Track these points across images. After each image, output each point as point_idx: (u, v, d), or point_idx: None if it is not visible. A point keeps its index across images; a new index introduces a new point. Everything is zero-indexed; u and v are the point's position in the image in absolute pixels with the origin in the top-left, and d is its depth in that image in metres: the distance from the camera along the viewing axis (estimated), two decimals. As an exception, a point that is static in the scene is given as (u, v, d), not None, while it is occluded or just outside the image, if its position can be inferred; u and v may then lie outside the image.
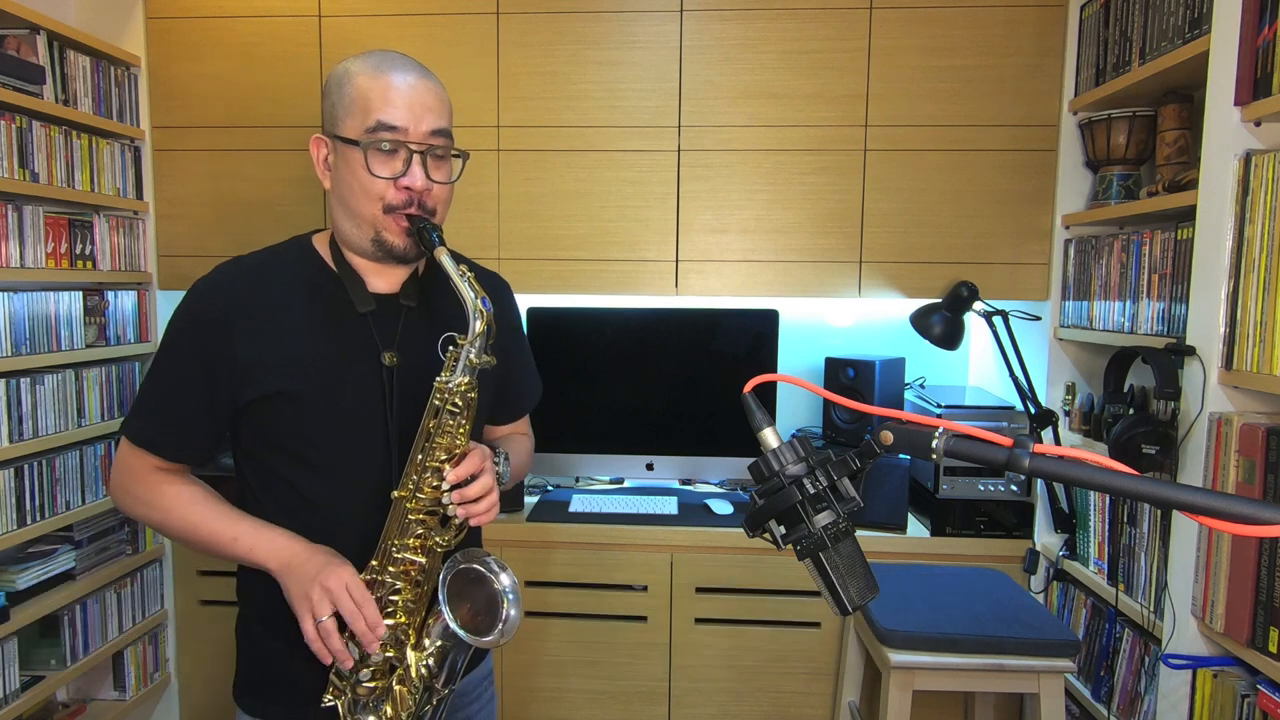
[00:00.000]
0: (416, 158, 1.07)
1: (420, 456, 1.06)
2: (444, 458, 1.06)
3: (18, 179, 1.88)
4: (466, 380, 1.04)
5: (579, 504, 2.30)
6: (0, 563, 1.92)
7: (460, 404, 1.05)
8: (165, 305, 2.40)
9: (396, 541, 1.06)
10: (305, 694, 1.09)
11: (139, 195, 2.32)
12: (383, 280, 1.15)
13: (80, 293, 2.06)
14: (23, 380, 1.89)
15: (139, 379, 2.30)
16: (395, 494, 1.06)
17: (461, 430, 1.06)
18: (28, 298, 1.90)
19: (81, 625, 2.07)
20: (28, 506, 1.90)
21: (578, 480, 2.57)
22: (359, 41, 2.24)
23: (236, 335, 1.06)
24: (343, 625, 1.02)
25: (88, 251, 2.12)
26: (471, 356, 1.04)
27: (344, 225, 1.11)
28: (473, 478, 1.06)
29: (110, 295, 2.19)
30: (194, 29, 2.28)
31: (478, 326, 1.03)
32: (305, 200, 2.30)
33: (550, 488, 2.51)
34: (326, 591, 1.00)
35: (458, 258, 1.06)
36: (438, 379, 1.05)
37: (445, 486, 1.04)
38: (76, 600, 2.05)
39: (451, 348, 1.06)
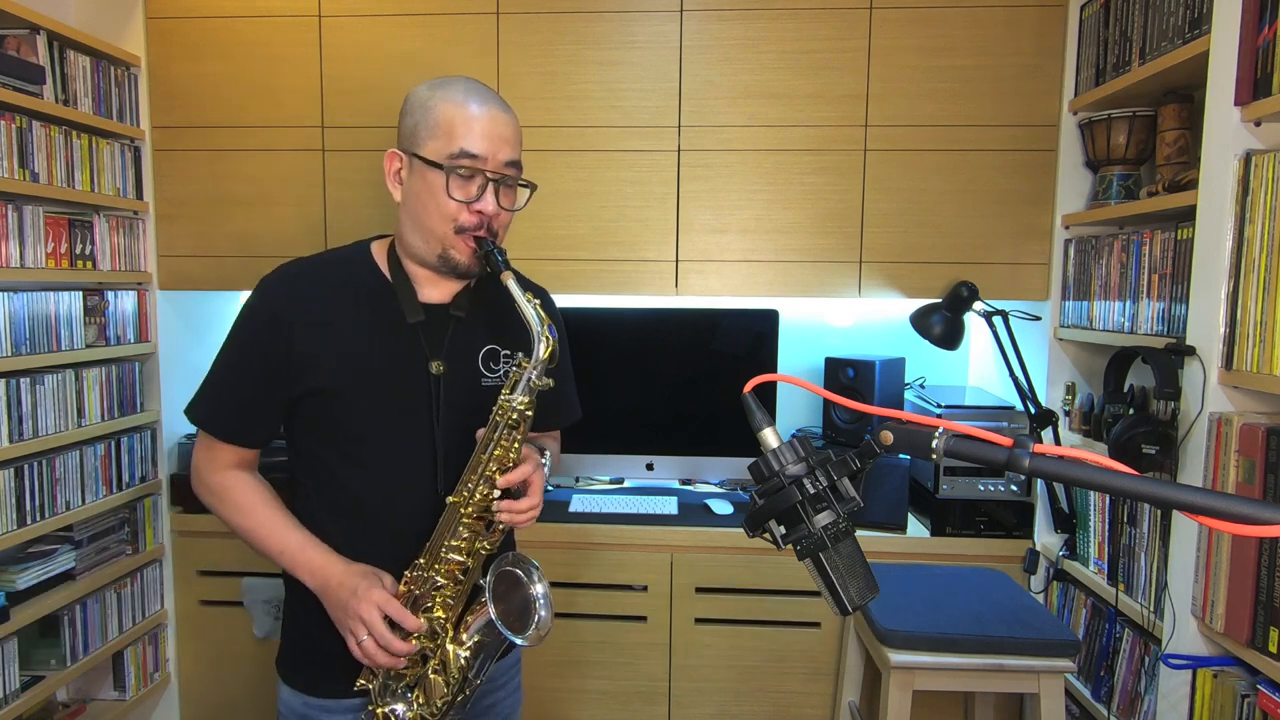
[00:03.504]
0: (491, 185, 1.14)
1: (480, 467, 1.13)
2: (496, 469, 1.13)
3: (18, 179, 1.88)
4: (526, 400, 1.12)
5: (579, 504, 2.30)
6: (0, 563, 1.92)
7: (517, 420, 1.12)
8: (165, 305, 2.40)
9: (446, 542, 1.14)
10: (342, 672, 1.17)
11: (139, 195, 2.32)
12: (437, 290, 1.21)
13: (80, 293, 2.06)
14: (23, 380, 1.89)
15: (139, 379, 2.30)
16: (450, 499, 1.13)
17: (516, 443, 1.13)
18: (28, 298, 1.90)
19: (81, 625, 2.07)
20: (28, 506, 1.90)
21: (578, 480, 2.57)
22: (359, 41, 2.24)
23: (296, 331, 1.14)
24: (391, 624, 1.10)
25: (88, 251, 2.12)
26: (534, 378, 1.11)
27: (412, 238, 1.17)
28: (521, 485, 1.15)
29: (110, 295, 2.19)
30: (194, 29, 2.28)
31: (542, 352, 1.10)
32: (305, 200, 2.30)
33: (550, 488, 2.51)
34: (359, 619, 1.08)
35: (520, 281, 1.13)
36: (502, 396, 1.12)
37: (496, 493, 1.13)
38: (76, 600, 2.05)
39: (514, 367, 1.13)
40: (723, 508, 2.29)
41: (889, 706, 1.69)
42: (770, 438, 0.79)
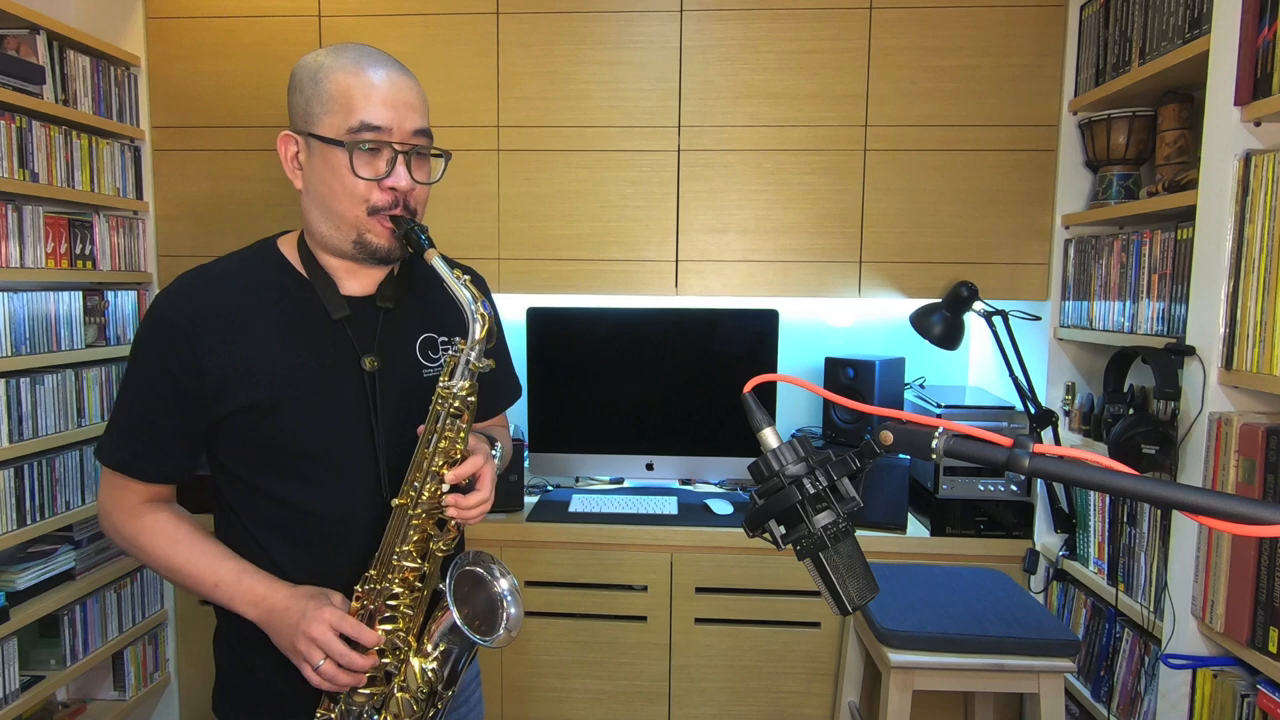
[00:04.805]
0: (400, 158, 1.04)
1: (425, 463, 1.04)
2: (443, 463, 1.04)
3: (18, 179, 1.88)
4: (468, 384, 1.03)
5: (579, 504, 2.30)
6: (0, 563, 1.92)
7: (460, 407, 1.03)
8: (165, 305, 2.40)
9: (397, 549, 1.05)
10: (291, 705, 1.07)
11: (139, 195, 2.32)
12: (357, 282, 1.12)
13: (80, 293, 2.06)
14: (23, 380, 1.89)
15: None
16: (396, 501, 1.04)
17: (461, 434, 1.05)
18: (28, 298, 1.90)
19: (81, 625, 2.07)
20: (28, 506, 1.90)
21: (578, 480, 2.57)
22: (359, 41, 2.23)
23: (202, 347, 1.02)
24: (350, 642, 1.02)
25: (88, 251, 2.12)
26: (472, 360, 1.02)
27: (321, 226, 1.07)
28: (471, 479, 1.06)
29: (110, 295, 2.19)
30: (194, 29, 2.28)
31: (478, 331, 1.01)
32: (305, 200, 2.30)
33: (550, 488, 2.51)
34: (312, 641, 0.99)
35: (447, 260, 1.04)
36: (440, 384, 1.04)
37: (446, 488, 1.04)
38: (76, 600, 2.05)
39: (451, 351, 1.05)
40: (723, 508, 2.29)
41: (889, 706, 1.69)
42: (770, 438, 0.79)
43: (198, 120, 2.30)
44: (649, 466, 2.43)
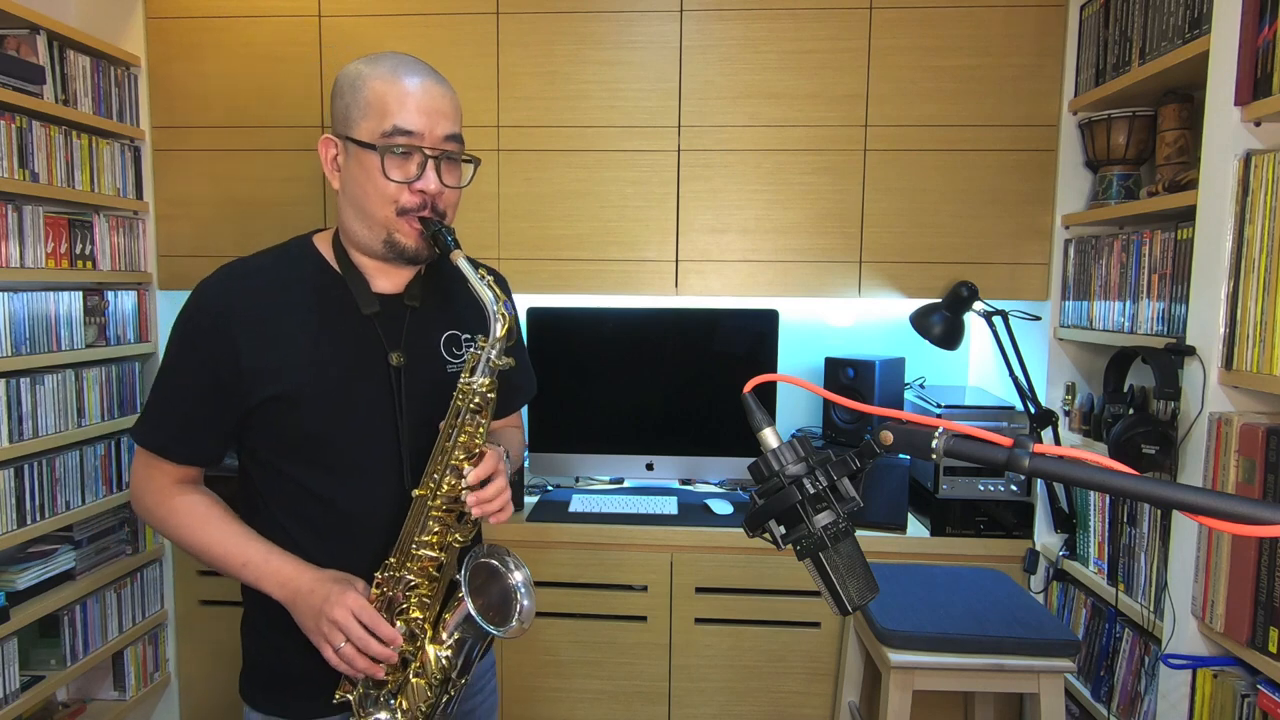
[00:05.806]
0: (430, 162, 1.08)
1: (443, 457, 1.08)
2: (463, 456, 1.08)
3: (18, 179, 1.88)
4: (488, 381, 1.07)
5: (579, 504, 2.30)
6: (0, 563, 1.92)
7: (480, 403, 1.07)
8: (165, 305, 2.40)
9: (416, 539, 1.09)
10: (315, 688, 1.12)
11: (139, 195, 2.32)
12: (387, 280, 1.17)
13: (80, 293, 2.06)
14: (23, 380, 1.89)
15: (139, 379, 2.30)
16: (416, 492, 1.09)
17: (480, 429, 1.09)
18: (28, 298, 1.90)
19: (81, 625, 2.07)
20: (28, 506, 1.90)
21: (578, 480, 2.57)
22: (359, 41, 2.24)
23: (239, 339, 1.07)
24: None
25: (88, 251, 2.12)
26: (493, 358, 1.07)
27: (354, 225, 1.12)
28: (489, 477, 1.09)
29: (110, 295, 2.19)
30: (194, 29, 2.28)
31: (499, 330, 1.06)
32: (305, 200, 2.30)
33: (550, 488, 2.51)
34: (334, 624, 1.03)
35: (471, 261, 1.08)
36: (462, 380, 1.08)
37: (464, 485, 1.08)
38: (76, 600, 2.05)
39: (472, 349, 1.09)
40: (723, 508, 2.29)
41: (889, 706, 1.69)
42: (770, 438, 0.79)
43: (198, 120, 2.30)
44: (649, 466, 2.43)
